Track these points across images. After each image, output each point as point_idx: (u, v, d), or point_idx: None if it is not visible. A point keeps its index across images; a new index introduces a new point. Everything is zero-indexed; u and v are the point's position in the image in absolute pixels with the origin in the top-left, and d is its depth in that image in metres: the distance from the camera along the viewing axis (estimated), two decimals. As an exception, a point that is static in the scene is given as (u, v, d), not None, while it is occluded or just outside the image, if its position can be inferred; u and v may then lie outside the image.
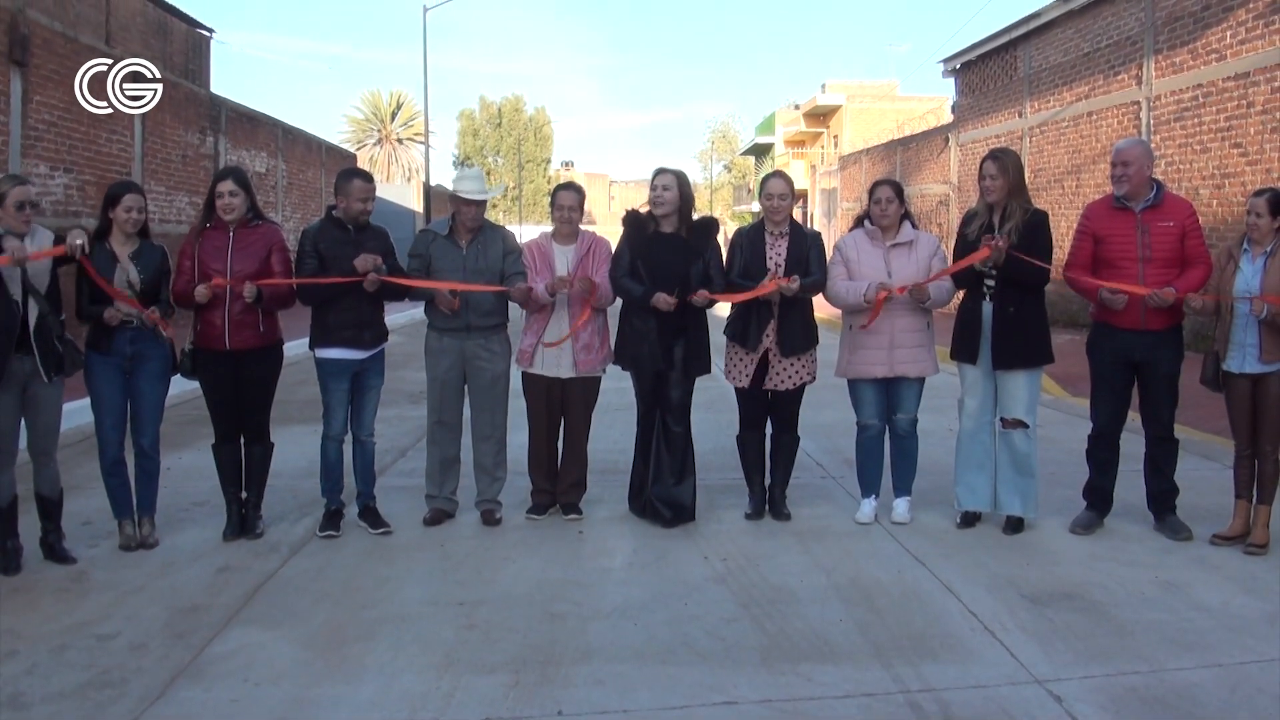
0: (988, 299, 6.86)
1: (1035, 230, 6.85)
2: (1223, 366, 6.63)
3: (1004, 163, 6.93)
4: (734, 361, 7.27)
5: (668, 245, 7.16)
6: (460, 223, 7.21)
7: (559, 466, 7.53)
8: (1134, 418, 7.11)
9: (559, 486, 7.50)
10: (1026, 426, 6.96)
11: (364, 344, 6.98)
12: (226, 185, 6.77)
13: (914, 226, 7.29)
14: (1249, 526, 6.62)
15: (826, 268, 7.25)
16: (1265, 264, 6.42)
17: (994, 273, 6.81)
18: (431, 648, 5.17)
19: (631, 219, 7.36)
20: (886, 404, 7.29)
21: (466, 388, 7.34)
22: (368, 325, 6.98)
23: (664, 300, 6.94)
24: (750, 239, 7.21)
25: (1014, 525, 7.02)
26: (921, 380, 7.24)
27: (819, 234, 7.56)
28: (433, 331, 7.32)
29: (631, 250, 7.23)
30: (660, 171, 7.26)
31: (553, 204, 7.39)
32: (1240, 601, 5.74)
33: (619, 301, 7.31)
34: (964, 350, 7.02)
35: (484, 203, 7.27)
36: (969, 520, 7.16)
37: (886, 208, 7.13)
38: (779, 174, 7.45)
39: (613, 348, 7.41)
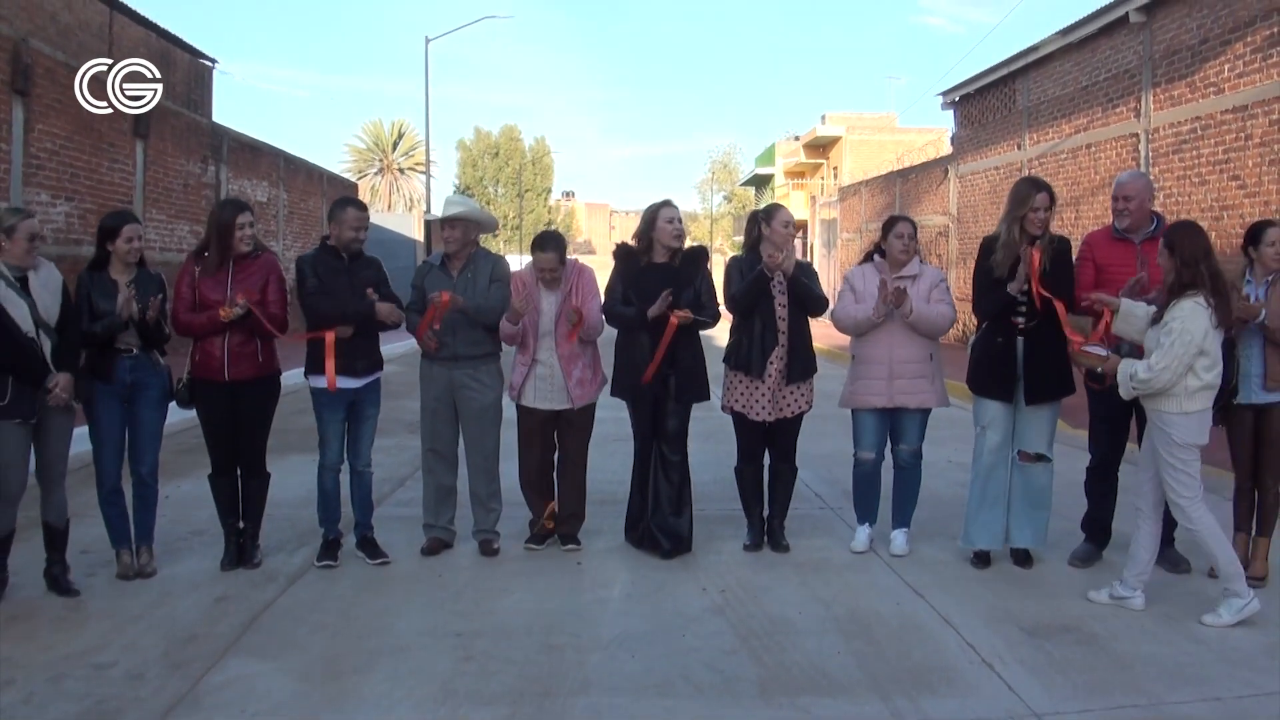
0: (1021, 334, 6.84)
1: (1063, 257, 6.88)
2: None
3: (1054, 195, 6.95)
4: (741, 391, 7.27)
5: (659, 275, 7.19)
6: (446, 248, 7.25)
7: (557, 496, 7.51)
8: (1133, 450, 7.10)
9: (558, 516, 7.49)
10: (1049, 460, 6.97)
11: (357, 373, 6.98)
12: (246, 217, 6.79)
13: (921, 261, 7.33)
14: (1248, 559, 6.61)
15: (820, 289, 7.29)
16: (1267, 292, 6.45)
17: (1024, 308, 6.78)
18: (429, 679, 5.16)
19: (622, 252, 7.43)
20: (889, 435, 7.31)
21: (458, 417, 7.35)
22: (361, 354, 6.98)
23: (658, 305, 6.97)
24: (750, 266, 7.23)
25: (1022, 558, 7.01)
26: (925, 412, 7.25)
27: (810, 263, 7.60)
28: (424, 360, 7.35)
29: (624, 282, 7.29)
30: (667, 204, 7.33)
31: (535, 266, 7.27)
32: (1239, 634, 5.73)
33: (614, 333, 7.34)
34: (996, 386, 6.93)
35: (457, 223, 7.23)
36: (983, 559, 7.07)
37: (909, 244, 7.20)
38: (784, 206, 7.50)
39: (606, 377, 7.43)
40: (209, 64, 31.66)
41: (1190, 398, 5.86)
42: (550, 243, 7.28)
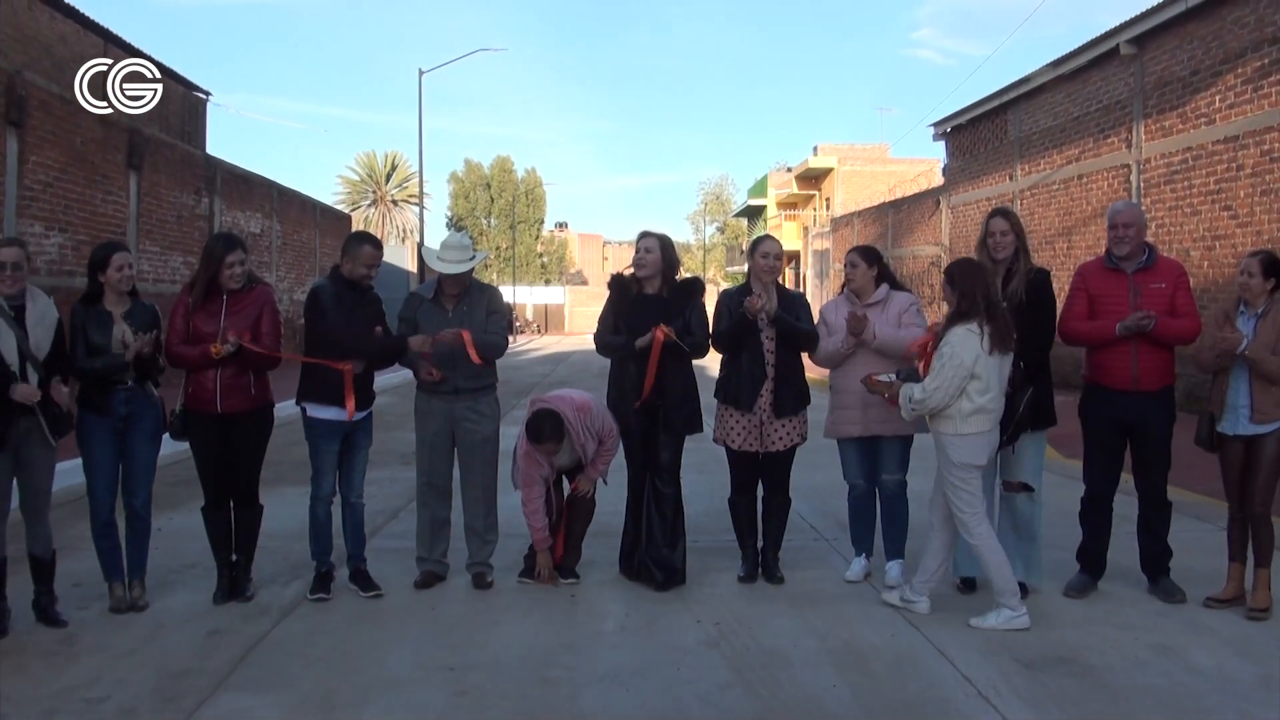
0: None
1: (1040, 289, 6.93)
2: (1217, 428, 6.64)
3: (1013, 219, 7.05)
4: (732, 424, 7.27)
5: (649, 305, 7.23)
6: (444, 289, 7.25)
7: (562, 532, 7.48)
8: (1127, 479, 7.10)
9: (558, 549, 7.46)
10: (1031, 490, 6.96)
11: (356, 406, 6.97)
12: (237, 255, 6.77)
13: (893, 288, 7.35)
14: (1243, 589, 6.60)
15: (811, 324, 7.32)
16: (1256, 325, 6.45)
17: None
18: (422, 714, 5.13)
19: (616, 282, 7.47)
20: (872, 465, 7.30)
21: (456, 449, 7.34)
22: (360, 388, 6.98)
23: (645, 338, 7.03)
24: (738, 300, 7.25)
25: (1021, 590, 6.98)
26: (904, 440, 7.24)
27: (803, 294, 7.63)
28: (421, 393, 7.33)
29: (615, 313, 7.34)
30: (644, 235, 7.38)
31: (542, 451, 7.18)
32: (1235, 665, 5.71)
33: (607, 363, 7.37)
34: None
35: (461, 277, 7.27)
36: (969, 585, 7.12)
37: (850, 272, 7.33)
38: (771, 237, 7.55)
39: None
40: (203, 96, 31.80)
41: (965, 420, 6.34)
42: (546, 432, 7.09)
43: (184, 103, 30.37)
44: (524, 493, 7.27)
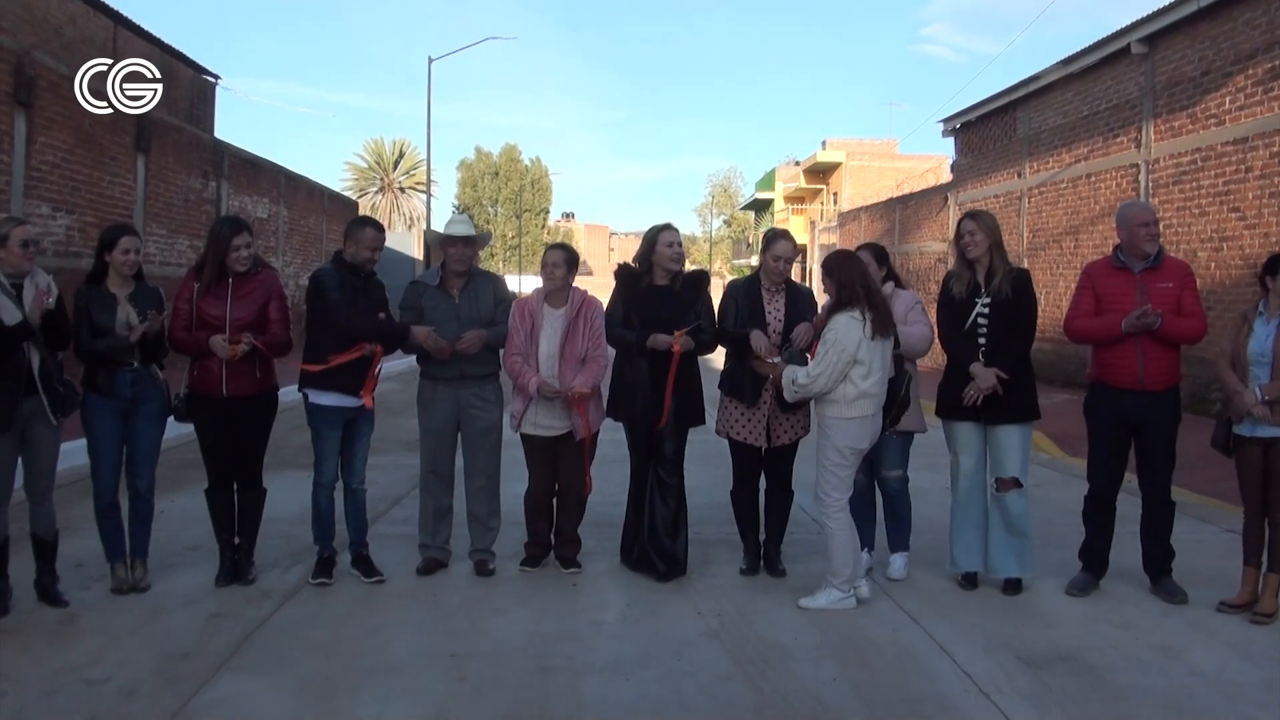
0: (981, 357, 6.86)
1: (1021, 288, 6.94)
2: (1234, 430, 6.61)
3: (982, 220, 7.06)
4: (735, 417, 7.25)
5: (659, 297, 7.20)
6: (449, 266, 7.23)
7: (556, 520, 7.48)
8: (1130, 479, 7.09)
9: (557, 540, 7.47)
10: (1021, 486, 6.94)
11: (357, 392, 6.97)
12: (244, 238, 6.77)
13: (898, 285, 7.35)
14: (1257, 594, 6.56)
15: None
16: (1278, 327, 6.41)
17: (985, 330, 6.84)
18: (422, 700, 5.13)
19: (624, 273, 7.43)
20: (872, 459, 7.27)
21: (460, 437, 7.33)
22: (362, 373, 6.97)
23: (661, 340, 6.98)
24: (746, 293, 7.23)
25: (1013, 586, 6.98)
26: (903, 436, 7.24)
27: (811, 290, 7.61)
28: (426, 381, 7.32)
29: (625, 303, 7.28)
30: (668, 228, 7.31)
31: (542, 262, 7.40)
32: (1237, 667, 5.70)
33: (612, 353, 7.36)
34: (961, 408, 6.98)
35: (473, 242, 7.28)
36: (971, 580, 7.12)
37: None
38: (787, 235, 7.49)
39: (605, 405, 7.40)
40: (212, 80, 31.78)
41: (850, 404, 6.50)
42: (562, 245, 7.45)
43: (193, 86, 30.34)
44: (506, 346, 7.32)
